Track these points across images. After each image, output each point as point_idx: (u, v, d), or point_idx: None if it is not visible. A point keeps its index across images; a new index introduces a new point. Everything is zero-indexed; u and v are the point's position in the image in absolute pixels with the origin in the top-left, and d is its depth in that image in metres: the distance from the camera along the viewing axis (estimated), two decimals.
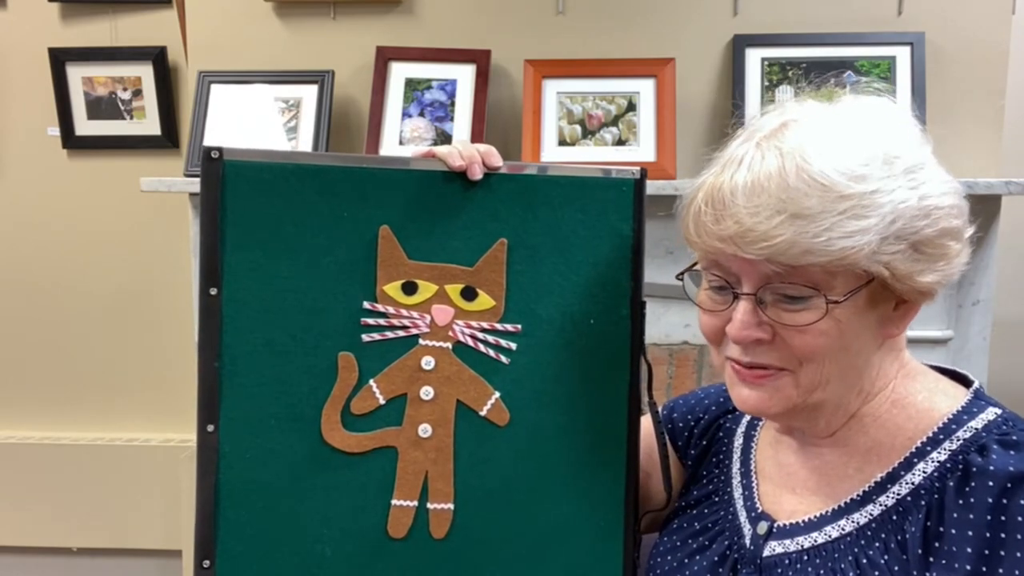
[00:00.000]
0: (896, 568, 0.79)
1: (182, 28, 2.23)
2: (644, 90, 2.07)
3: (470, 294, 0.92)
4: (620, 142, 2.07)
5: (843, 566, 0.81)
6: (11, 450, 2.58)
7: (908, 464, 0.82)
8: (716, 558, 0.90)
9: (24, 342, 2.60)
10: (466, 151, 0.91)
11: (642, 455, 0.97)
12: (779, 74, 2.06)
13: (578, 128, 2.08)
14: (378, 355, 0.92)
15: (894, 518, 0.81)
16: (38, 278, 2.57)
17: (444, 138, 2.09)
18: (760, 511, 0.90)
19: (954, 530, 0.76)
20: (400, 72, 2.12)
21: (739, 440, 0.99)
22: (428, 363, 0.92)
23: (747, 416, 1.00)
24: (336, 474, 0.91)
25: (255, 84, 2.14)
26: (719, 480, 0.98)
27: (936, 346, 2.03)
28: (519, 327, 0.93)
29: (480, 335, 0.93)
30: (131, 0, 2.43)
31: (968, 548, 0.75)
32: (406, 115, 2.11)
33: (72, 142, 2.49)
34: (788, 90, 2.05)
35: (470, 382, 0.93)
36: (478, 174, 0.91)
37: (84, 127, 2.49)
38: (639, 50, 2.10)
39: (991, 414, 0.83)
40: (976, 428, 0.81)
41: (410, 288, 0.92)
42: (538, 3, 2.13)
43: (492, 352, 0.93)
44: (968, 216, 0.83)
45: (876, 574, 0.79)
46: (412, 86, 2.11)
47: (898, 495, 0.81)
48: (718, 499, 0.96)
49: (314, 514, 0.91)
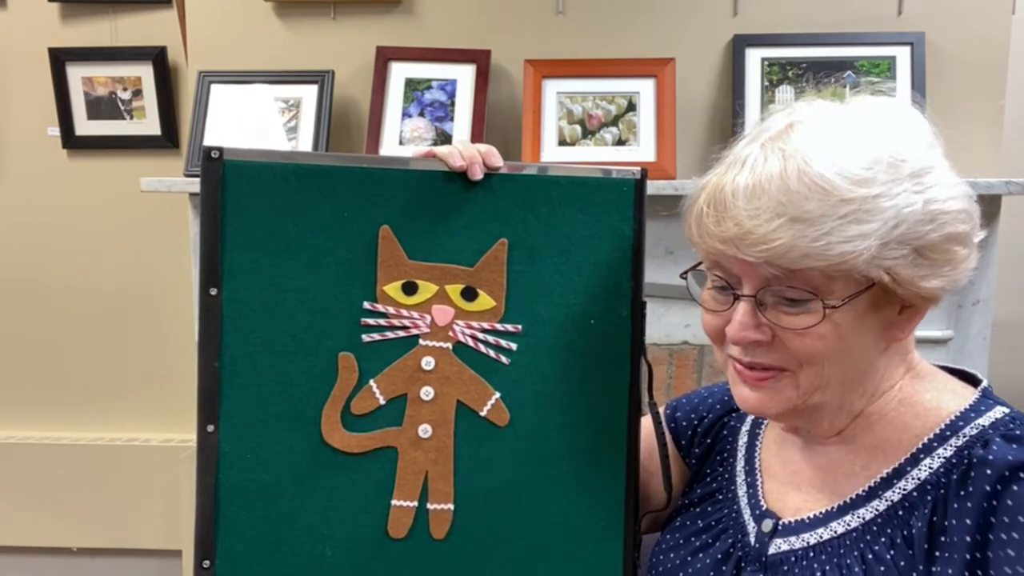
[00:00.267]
0: (902, 563, 0.78)
1: (182, 28, 2.23)
2: (644, 90, 2.07)
3: (470, 294, 0.92)
4: (620, 142, 2.07)
5: (849, 562, 0.81)
6: (11, 450, 2.58)
7: (914, 460, 0.82)
8: (719, 556, 0.90)
9: (24, 342, 2.60)
10: (467, 151, 0.91)
11: (642, 456, 0.97)
12: (779, 74, 2.06)
13: (578, 128, 2.08)
14: (378, 355, 0.92)
15: (900, 513, 0.81)
16: (38, 278, 2.57)
17: (444, 138, 2.09)
18: (764, 508, 0.90)
19: (954, 521, 0.77)
20: (400, 72, 2.12)
21: (743, 438, 0.99)
22: (428, 363, 0.92)
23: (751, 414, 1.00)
24: (336, 474, 0.91)
25: (255, 84, 2.14)
26: (723, 478, 0.98)
27: (936, 346, 2.03)
28: (519, 327, 0.93)
29: (480, 335, 0.93)
30: (131, 0, 2.43)
31: (967, 536, 0.76)
32: (406, 115, 2.11)
33: (72, 142, 2.49)
34: (788, 90, 2.05)
35: (470, 382, 0.93)
36: (478, 174, 0.91)
37: (84, 127, 2.49)
38: (639, 50, 2.10)
39: (999, 412, 0.83)
40: (983, 425, 0.81)
41: (410, 288, 0.92)
42: (538, 3, 2.13)
43: (492, 352, 0.93)
44: (979, 220, 0.82)
45: (882, 569, 0.79)
46: (412, 86, 2.11)
47: (904, 490, 0.81)
48: (722, 497, 0.96)
49: (314, 514, 0.91)
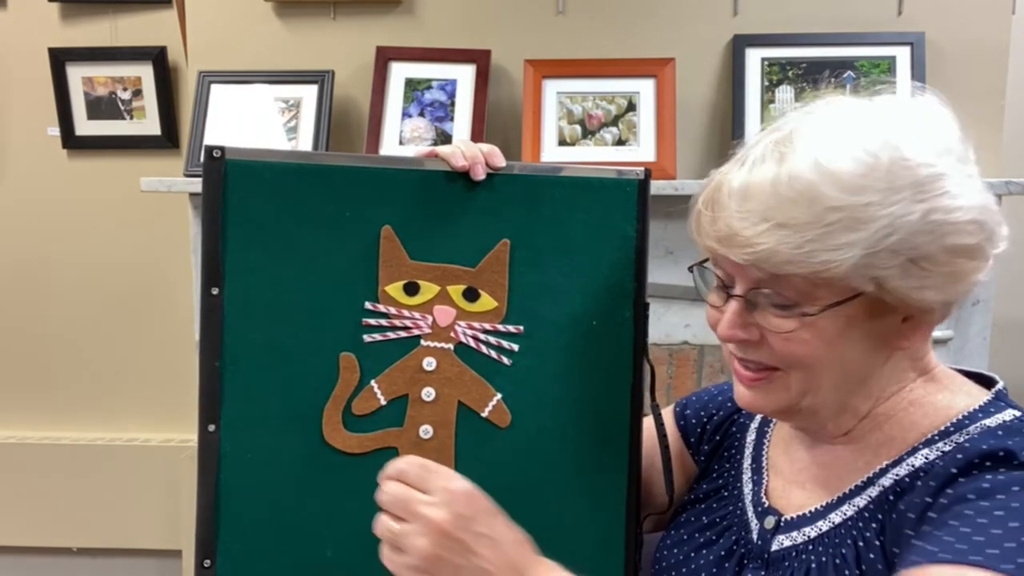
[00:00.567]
0: (895, 550, 0.77)
1: (182, 28, 2.23)
2: (644, 90, 2.07)
3: (472, 295, 0.92)
4: (620, 142, 2.07)
5: (844, 551, 0.80)
6: (11, 450, 2.58)
7: (913, 451, 0.81)
8: (723, 552, 0.90)
9: (24, 342, 2.60)
10: (469, 151, 0.91)
11: (644, 457, 0.97)
12: (779, 74, 2.06)
13: (578, 128, 2.08)
14: (379, 356, 0.91)
15: (890, 498, 0.80)
16: (38, 278, 2.57)
17: (444, 138, 2.09)
18: (767, 506, 0.90)
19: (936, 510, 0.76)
20: (400, 72, 2.12)
21: (752, 436, 0.99)
22: (430, 364, 0.92)
23: None
24: (337, 475, 0.91)
25: (255, 84, 2.14)
26: (729, 475, 0.98)
27: (936, 346, 2.01)
28: (521, 328, 0.93)
29: (482, 336, 0.92)
30: (131, 0, 2.43)
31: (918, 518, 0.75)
32: (406, 115, 2.11)
33: (72, 142, 2.49)
34: (788, 90, 2.05)
35: (472, 383, 0.93)
36: (481, 174, 0.91)
37: (84, 127, 2.49)
38: (639, 50, 2.10)
39: (1008, 415, 0.81)
40: (989, 426, 0.79)
41: (412, 288, 0.92)
42: (538, 3, 2.13)
43: (494, 353, 0.93)
44: (998, 231, 0.78)
45: (872, 556, 0.78)
46: (412, 86, 2.11)
47: (897, 476, 0.80)
48: (727, 494, 0.96)
49: (315, 514, 0.91)
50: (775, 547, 0.86)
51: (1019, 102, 2.21)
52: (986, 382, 0.88)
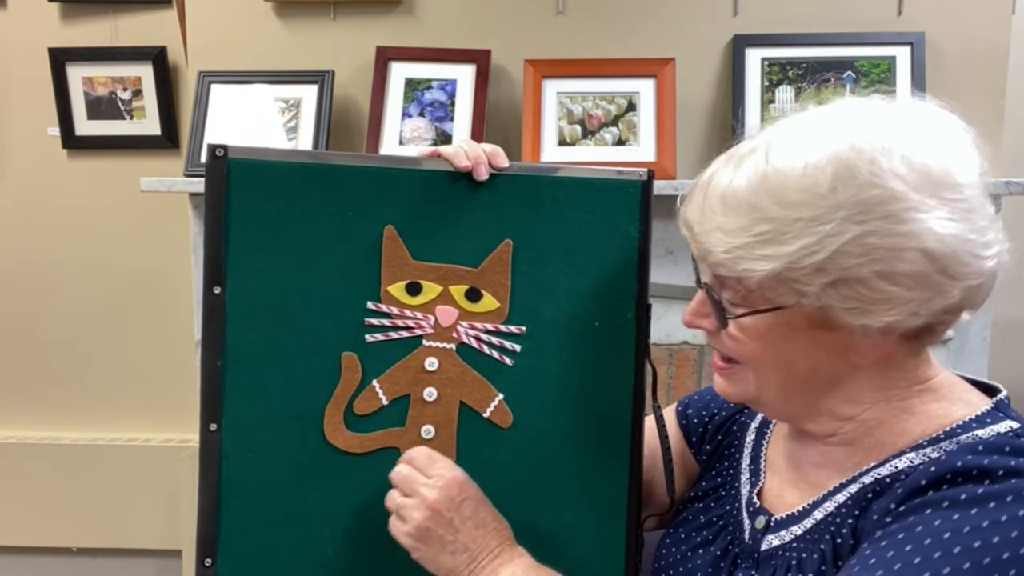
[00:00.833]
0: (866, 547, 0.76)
1: (182, 28, 2.23)
2: (644, 90, 2.07)
3: (474, 295, 0.92)
4: (620, 142, 2.07)
5: (823, 547, 0.80)
6: (11, 450, 2.57)
7: (900, 454, 0.81)
8: (718, 552, 0.90)
9: (24, 342, 2.59)
10: (472, 151, 0.91)
11: (646, 457, 0.97)
12: (779, 74, 2.06)
13: (578, 128, 2.08)
14: (381, 355, 0.92)
15: (869, 496, 0.80)
16: (38, 278, 2.57)
17: (444, 138, 2.09)
18: (758, 506, 0.90)
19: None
20: (400, 72, 2.12)
21: (751, 435, 0.99)
22: (431, 364, 0.92)
23: None
24: (338, 474, 0.91)
25: (255, 84, 2.14)
26: (727, 474, 0.98)
27: (936, 346, 2.02)
28: (523, 329, 0.93)
29: (484, 336, 0.92)
30: (131, 0, 2.42)
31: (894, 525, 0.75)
32: (406, 115, 2.11)
33: (72, 142, 2.49)
34: (788, 90, 2.05)
35: (473, 384, 0.93)
36: (484, 175, 0.91)
37: (84, 127, 2.48)
38: (639, 50, 2.10)
39: (1004, 427, 0.79)
40: (980, 436, 0.78)
41: (414, 289, 0.92)
42: (538, 3, 2.13)
43: (496, 354, 0.93)
44: (963, 265, 0.75)
45: (847, 552, 0.78)
46: (412, 86, 2.11)
47: (878, 475, 0.80)
48: (724, 493, 0.96)
49: (316, 514, 0.91)
50: (764, 547, 0.86)
51: (1019, 102, 2.21)
52: (993, 391, 0.87)
